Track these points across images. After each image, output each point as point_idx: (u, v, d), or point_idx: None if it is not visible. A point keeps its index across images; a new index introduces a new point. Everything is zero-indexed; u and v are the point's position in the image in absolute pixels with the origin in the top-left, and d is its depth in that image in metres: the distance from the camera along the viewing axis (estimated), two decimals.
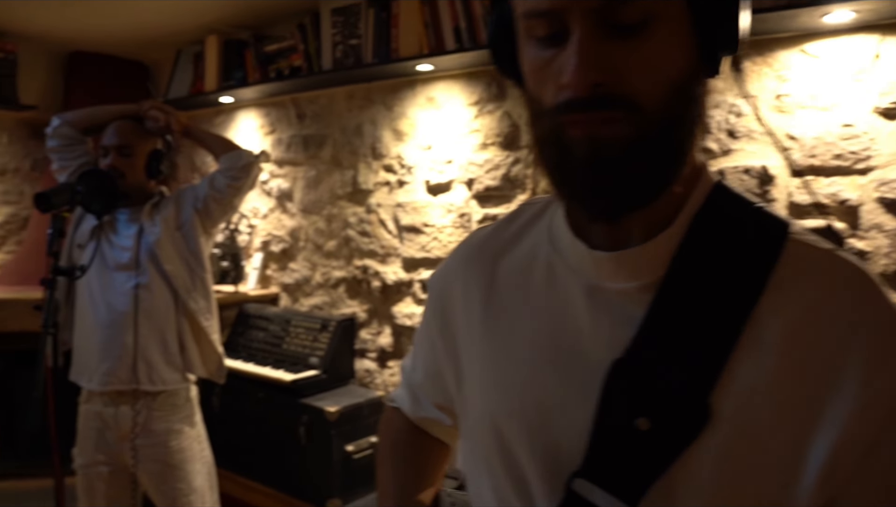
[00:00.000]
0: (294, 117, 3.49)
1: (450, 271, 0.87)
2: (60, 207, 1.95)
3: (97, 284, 2.22)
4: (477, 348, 0.79)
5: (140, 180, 2.28)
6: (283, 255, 3.55)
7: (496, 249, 0.83)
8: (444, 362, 0.86)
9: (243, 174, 2.33)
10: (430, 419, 0.94)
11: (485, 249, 0.84)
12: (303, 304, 3.46)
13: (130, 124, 2.29)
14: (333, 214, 3.33)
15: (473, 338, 0.80)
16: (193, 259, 2.32)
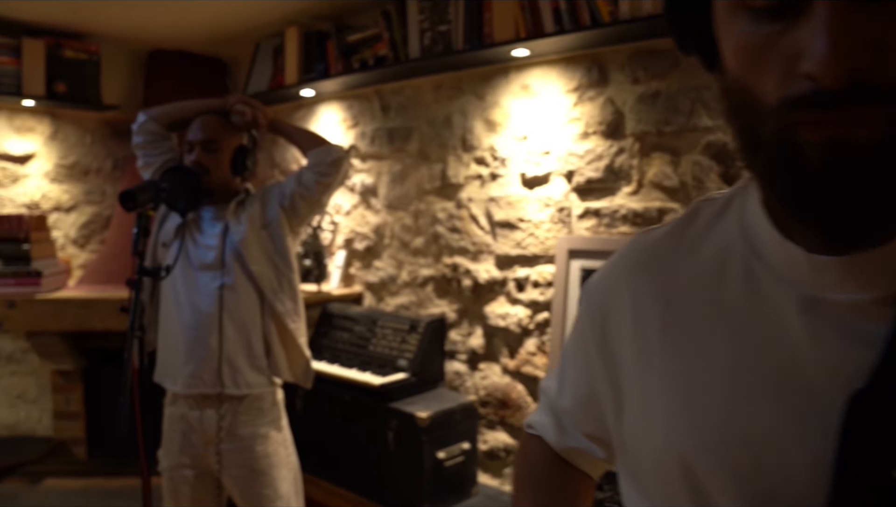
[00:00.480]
0: (378, 110, 3.37)
1: (613, 281, 0.74)
2: (145, 204, 1.87)
3: (182, 284, 2.15)
4: (655, 372, 0.66)
5: (225, 177, 2.21)
6: (367, 253, 3.43)
7: (673, 254, 0.69)
8: (600, 386, 0.74)
9: (333, 170, 2.21)
10: (577, 450, 0.84)
11: (659, 254, 0.70)
12: (388, 303, 3.33)
13: (216, 119, 2.22)
14: (421, 210, 3.19)
15: (647, 359, 0.67)
16: (280, 259, 2.22)
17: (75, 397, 3.56)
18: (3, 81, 3.46)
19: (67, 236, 3.94)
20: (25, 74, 3.49)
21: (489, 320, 2.95)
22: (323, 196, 2.25)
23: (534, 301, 2.81)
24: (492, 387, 2.96)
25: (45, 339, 3.34)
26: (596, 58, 2.63)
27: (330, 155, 2.21)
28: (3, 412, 3.68)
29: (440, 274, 3.12)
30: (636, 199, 2.55)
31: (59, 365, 3.47)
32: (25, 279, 3.30)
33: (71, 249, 3.95)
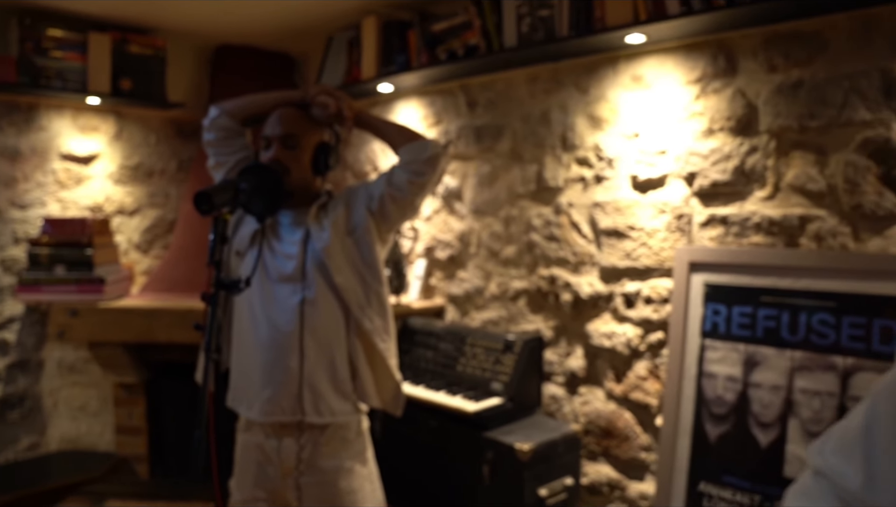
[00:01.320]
0: (464, 105, 3.09)
1: None
2: (222, 207, 1.62)
3: (258, 297, 1.92)
4: None
5: (305, 177, 1.97)
6: (450, 262, 3.15)
7: None
8: None
9: (428, 169, 1.94)
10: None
11: None
12: (473, 318, 3.05)
13: (296, 112, 1.98)
14: (513, 216, 2.90)
15: None
16: (367, 270, 1.97)
17: (138, 412, 3.36)
18: (70, 78, 3.28)
19: (130, 241, 3.76)
20: (91, 70, 3.31)
21: (592, 340, 2.64)
22: (416, 198, 1.98)
23: (646, 319, 2.49)
24: (594, 414, 2.65)
25: (108, 350, 3.15)
26: (722, 44, 2.30)
27: (425, 151, 1.94)
28: (64, 425, 3.51)
29: (535, 287, 2.82)
30: (772, 205, 2.21)
31: (121, 377, 3.28)
32: (88, 286, 3.11)
33: (134, 255, 3.77)
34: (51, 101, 3.42)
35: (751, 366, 2.23)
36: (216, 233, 1.61)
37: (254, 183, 1.80)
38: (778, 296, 2.20)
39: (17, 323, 3.39)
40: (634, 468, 2.53)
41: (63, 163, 3.51)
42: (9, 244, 3.37)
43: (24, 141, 3.38)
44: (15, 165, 3.36)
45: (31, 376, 3.44)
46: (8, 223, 3.36)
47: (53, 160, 3.47)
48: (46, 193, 3.46)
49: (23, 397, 3.41)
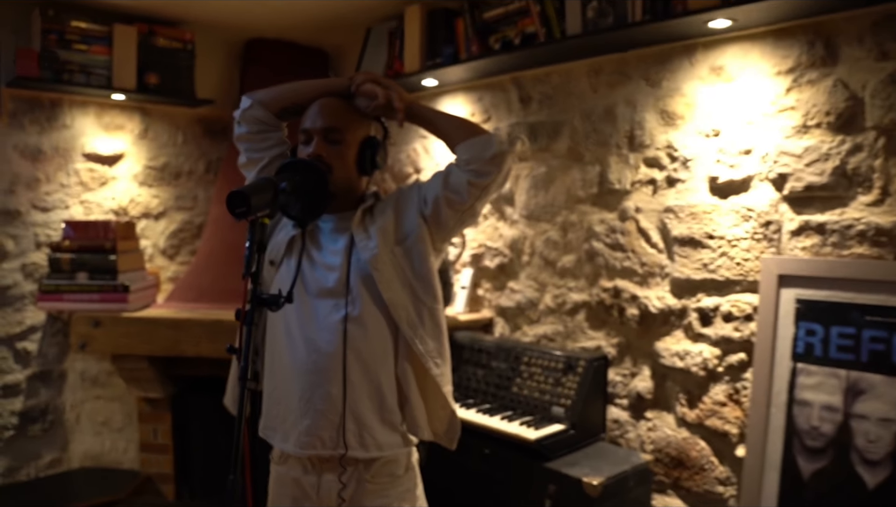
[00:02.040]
0: (516, 101, 2.84)
1: None
2: (261, 210, 1.39)
3: (295, 315, 1.70)
4: None
5: (350, 177, 1.75)
6: (499, 271, 2.90)
7: None
8: None
9: (491, 169, 1.69)
10: None
11: None
12: (525, 333, 2.80)
13: (340, 103, 1.76)
14: (571, 222, 2.64)
15: None
16: (420, 284, 1.74)
17: (163, 429, 3.16)
18: (95, 73, 3.09)
19: (156, 246, 3.56)
20: (116, 64, 3.11)
21: (661, 359, 2.38)
22: (477, 203, 1.74)
23: (725, 338, 2.22)
24: (663, 441, 2.38)
25: (131, 363, 2.94)
26: (820, 28, 2.04)
27: (488, 149, 1.69)
28: (87, 441, 3.31)
29: (596, 300, 2.57)
30: (880, 211, 1.94)
31: (145, 392, 3.07)
32: (111, 295, 2.91)
33: (159, 260, 3.57)
34: (74, 97, 3.23)
35: (854, 395, 1.96)
36: (253, 240, 1.38)
37: (297, 182, 1.58)
38: (887, 315, 1.92)
39: (39, 332, 3.20)
40: (710, 502, 2.27)
41: (86, 163, 3.31)
42: (30, 249, 3.18)
43: (46, 140, 3.19)
44: (37, 165, 3.17)
45: (53, 388, 3.25)
46: (29, 227, 3.17)
47: (76, 160, 3.28)
48: (69, 195, 3.27)
49: (44, 411, 3.22)
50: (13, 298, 3.13)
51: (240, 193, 1.38)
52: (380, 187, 3.60)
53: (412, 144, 3.34)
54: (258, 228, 1.41)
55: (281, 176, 1.57)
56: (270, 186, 1.46)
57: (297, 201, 1.63)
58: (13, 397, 3.14)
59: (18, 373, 3.16)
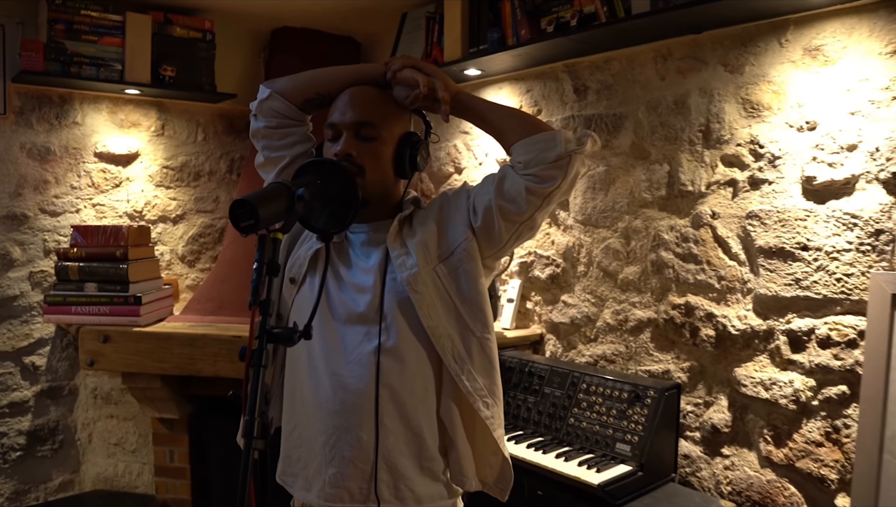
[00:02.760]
0: (570, 91, 2.52)
1: None
2: (272, 222, 1.13)
3: (319, 343, 1.45)
4: None
5: (385, 179, 1.49)
6: (551, 283, 2.59)
7: None
8: None
9: (556, 173, 1.40)
10: None
11: None
12: (581, 353, 2.48)
13: (374, 93, 1.50)
14: (635, 229, 2.32)
15: None
16: (468, 310, 1.46)
17: (180, 451, 2.90)
18: (108, 65, 2.84)
19: (174, 252, 3.31)
20: (129, 56, 2.86)
21: (741, 388, 2.05)
22: (537, 214, 1.45)
23: (821, 366, 1.89)
24: (743, 483, 2.06)
25: (144, 382, 2.69)
26: None
27: (553, 148, 1.40)
28: (99, 462, 3.07)
29: (664, 318, 2.24)
30: None
31: (160, 412, 2.82)
32: (122, 307, 2.65)
33: (178, 267, 3.32)
34: (85, 92, 2.99)
35: None
36: (262, 260, 1.11)
37: (317, 186, 1.29)
38: None
39: (48, 346, 2.98)
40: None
41: (99, 163, 3.07)
42: (38, 256, 2.95)
43: (55, 138, 2.95)
44: (45, 165, 2.93)
45: (63, 405, 3.02)
46: (37, 232, 2.94)
47: (88, 160, 3.04)
48: (80, 198, 3.03)
49: (54, 430, 2.99)
50: (20, 309, 2.90)
51: (245, 203, 1.10)
52: (418, 191, 3.31)
53: (452, 139, 3.04)
54: (269, 244, 1.13)
55: (300, 180, 1.29)
56: (285, 193, 1.18)
57: (321, 210, 1.34)
58: (20, 416, 2.91)
59: (26, 389, 2.93)
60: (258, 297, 1.09)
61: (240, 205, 1.10)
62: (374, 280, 1.47)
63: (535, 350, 2.62)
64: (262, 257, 1.11)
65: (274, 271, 1.12)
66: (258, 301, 1.10)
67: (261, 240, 1.13)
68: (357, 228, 1.54)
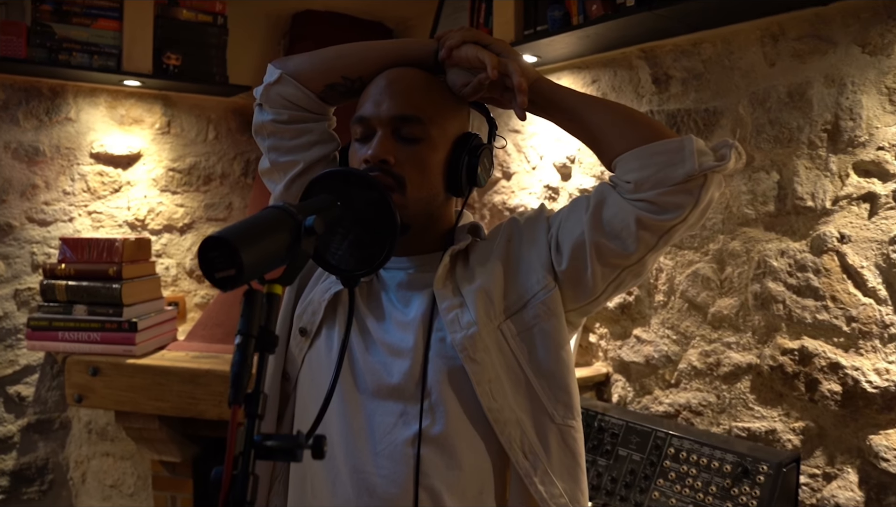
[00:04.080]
0: (648, 82, 2.07)
1: None
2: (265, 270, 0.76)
3: (337, 424, 1.08)
4: None
5: (433, 197, 1.11)
6: (622, 313, 2.14)
7: None
8: None
9: (684, 200, 1.02)
10: None
11: None
12: (658, 400, 2.04)
13: (422, 78, 1.12)
14: (733, 252, 1.87)
15: None
16: (546, 385, 1.07)
17: (183, 498, 2.51)
18: (104, 52, 2.45)
19: (181, 266, 2.92)
20: (127, 42, 2.47)
21: (880, 462, 1.60)
22: (649, 255, 1.06)
23: None
24: None
25: (140, 422, 2.30)
26: None
27: (681, 162, 1.01)
28: (94, 505, 2.70)
29: (770, 365, 1.79)
30: None
31: (160, 455, 2.44)
32: (115, 334, 2.27)
33: (186, 283, 2.93)
34: (80, 84, 2.61)
35: None
36: (247, 331, 0.71)
37: (337, 210, 0.89)
38: None
39: (36, 374, 2.61)
40: None
41: (95, 165, 2.69)
42: (25, 272, 2.58)
43: (45, 137, 2.58)
44: (33, 168, 2.56)
45: (53, 441, 2.65)
46: (24, 244, 2.57)
47: (83, 162, 2.66)
48: (74, 205, 2.65)
49: (42, 469, 2.63)
50: (4, 332, 2.54)
51: (221, 242, 0.69)
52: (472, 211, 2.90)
53: None
54: (260, 305, 0.72)
55: (311, 201, 0.91)
56: (286, 225, 0.78)
57: (341, 241, 0.94)
58: (3, 454, 2.55)
59: (10, 424, 2.56)
60: (240, 393, 0.69)
61: (212, 245, 0.70)
62: (414, 340, 1.07)
63: (600, 394, 2.18)
64: (249, 327, 0.71)
65: (268, 347, 0.72)
66: (241, 397, 0.69)
67: (247, 298, 0.72)
68: (394, 265, 1.14)
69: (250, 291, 0.71)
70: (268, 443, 0.70)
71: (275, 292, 0.74)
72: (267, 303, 0.73)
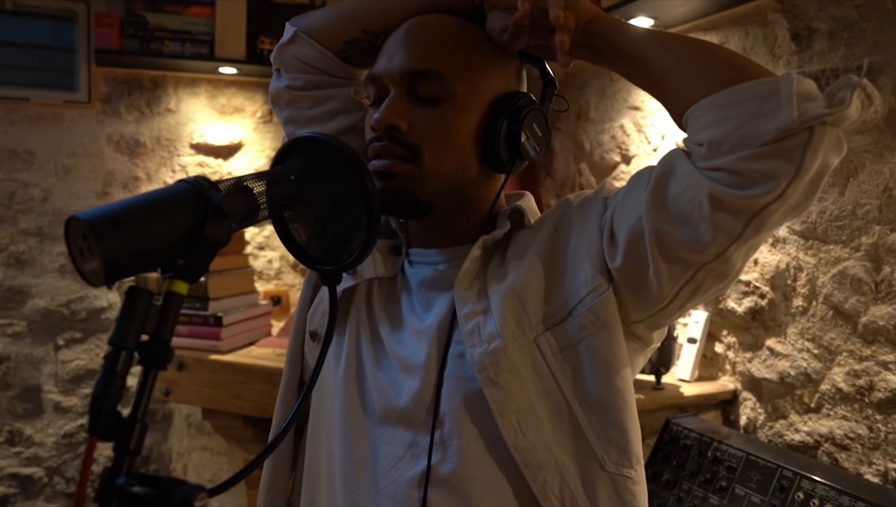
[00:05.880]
0: (786, 39, 1.70)
1: None
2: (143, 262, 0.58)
3: (339, 451, 0.90)
4: None
5: (463, 172, 0.89)
6: (751, 319, 1.78)
7: None
8: None
9: (778, 166, 0.71)
10: None
11: None
12: (794, 427, 1.67)
13: (449, 24, 0.91)
14: (893, 247, 1.47)
15: None
16: (595, 420, 0.82)
17: None
18: (198, 39, 2.42)
19: (285, 258, 2.86)
20: (220, 28, 2.42)
21: None
22: (733, 248, 0.75)
23: None
24: None
25: (225, 419, 2.23)
26: None
27: (774, 111, 0.71)
28: None
29: None
30: None
31: (249, 454, 2.37)
32: (201, 328, 2.21)
33: (289, 277, 2.86)
34: (180, 74, 2.60)
35: None
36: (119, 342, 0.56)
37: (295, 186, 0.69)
38: None
39: None
40: None
41: (196, 156, 2.68)
42: None
43: (146, 129, 2.59)
44: (135, 159, 2.58)
45: (157, 431, 2.68)
46: None
47: (183, 152, 2.66)
48: None
49: (147, 458, 2.66)
50: (109, 322, 2.57)
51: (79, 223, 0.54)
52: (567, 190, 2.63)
53: (618, 118, 2.29)
54: (145, 306, 0.57)
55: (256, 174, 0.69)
56: (189, 203, 0.59)
57: (319, 229, 0.73)
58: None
59: None
60: (100, 417, 0.54)
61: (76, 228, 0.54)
62: (427, 353, 0.86)
63: (726, 414, 1.83)
64: (122, 336, 0.55)
65: (155, 361, 0.57)
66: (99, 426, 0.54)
67: (126, 298, 0.56)
68: (420, 258, 0.94)
69: (131, 289, 0.56)
70: (134, 489, 0.53)
71: (175, 290, 0.57)
72: (163, 304, 0.56)
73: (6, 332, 2.49)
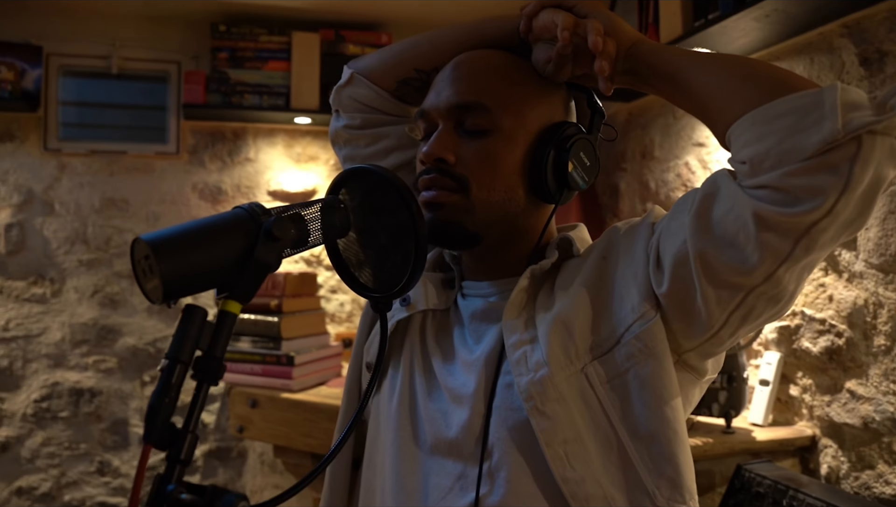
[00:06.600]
0: (854, 64, 1.64)
1: None
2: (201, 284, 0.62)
3: (392, 483, 0.89)
4: None
5: (511, 202, 0.90)
6: (829, 359, 1.69)
7: None
8: None
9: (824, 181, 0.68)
10: None
11: None
12: (883, 479, 1.55)
13: (495, 58, 0.93)
14: None
15: None
16: (645, 452, 0.79)
17: None
18: (275, 92, 2.55)
19: (357, 302, 2.91)
20: (295, 80, 2.54)
21: None
22: (783, 269, 0.73)
23: None
24: None
25: (295, 457, 2.27)
26: None
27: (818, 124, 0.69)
28: None
29: None
30: None
31: (318, 493, 2.38)
32: (274, 368, 2.27)
33: None
34: (259, 126, 2.73)
35: None
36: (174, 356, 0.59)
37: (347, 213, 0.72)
38: None
39: (217, 402, 2.72)
40: None
41: (272, 202, 2.78)
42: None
43: (227, 177, 2.73)
44: (217, 206, 2.72)
45: (231, 468, 2.74)
46: None
47: (261, 199, 2.77)
48: None
49: None
50: None
51: (142, 244, 0.59)
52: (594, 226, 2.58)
53: (683, 155, 2.26)
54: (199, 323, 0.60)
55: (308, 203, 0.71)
56: (242, 228, 0.63)
57: (372, 257, 0.75)
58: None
59: None
60: (155, 426, 0.58)
61: (138, 247, 0.59)
62: (476, 384, 0.85)
63: (804, 462, 1.73)
64: (177, 350, 0.58)
65: (207, 376, 0.59)
66: (154, 434, 0.58)
67: (182, 315, 0.59)
68: (472, 291, 0.95)
69: (188, 307, 0.59)
70: (182, 496, 0.57)
71: (228, 309, 0.61)
72: (217, 323, 0.60)
73: (100, 368, 2.63)
